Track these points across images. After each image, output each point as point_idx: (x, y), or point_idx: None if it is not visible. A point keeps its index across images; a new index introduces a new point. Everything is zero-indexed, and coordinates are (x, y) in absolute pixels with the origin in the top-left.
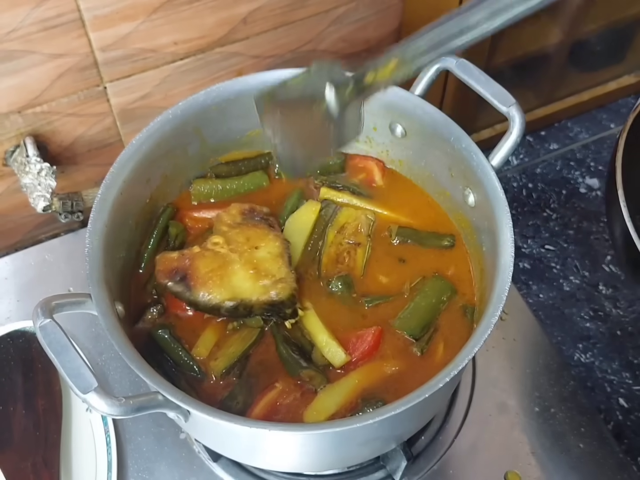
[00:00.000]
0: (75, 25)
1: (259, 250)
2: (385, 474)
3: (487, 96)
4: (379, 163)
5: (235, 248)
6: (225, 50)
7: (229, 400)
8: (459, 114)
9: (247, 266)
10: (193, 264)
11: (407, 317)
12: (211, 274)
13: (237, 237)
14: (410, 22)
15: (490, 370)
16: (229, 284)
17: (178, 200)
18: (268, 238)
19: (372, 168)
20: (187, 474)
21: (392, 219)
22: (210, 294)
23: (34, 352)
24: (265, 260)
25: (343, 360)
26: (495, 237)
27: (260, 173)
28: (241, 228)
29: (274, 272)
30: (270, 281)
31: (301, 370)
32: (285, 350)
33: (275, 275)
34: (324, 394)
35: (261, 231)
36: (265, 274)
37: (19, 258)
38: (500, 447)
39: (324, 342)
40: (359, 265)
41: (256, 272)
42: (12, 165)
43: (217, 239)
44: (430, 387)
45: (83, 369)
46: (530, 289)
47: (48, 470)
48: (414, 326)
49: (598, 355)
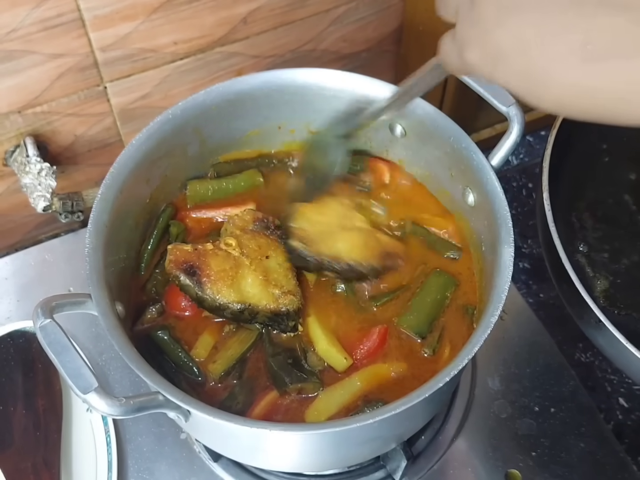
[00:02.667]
0: (75, 25)
1: (269, 260)
2: (386, 473)
3: (486, 96)
4: (391, 165)
5: (247, 253)
6: (225, 50)
7: (228, 401)
8: (459, 113)
9: (257, 272)
10: (206, 261)
11: (413, 315)
12: (223, 274)
13: (249, 243)
14: (411, 22)
15: (491, 369)
16: (239, 287)
17: (178, 200)
18: (279, 250)
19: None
20: (188, 474)
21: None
22: (219, 293)
23: (34, 352)
24: (275, 271)
25: (344, 365)
26: (495, 236)
27: (254, 171)
28: (253, 235)
29: (284, 283)
30: (280, 291)
31: (286, 387)
32: (273, 363)
33: (284, 287)
34: (325, 395)
35: (272, 242)
36: (275, 284)
37: (19, 258)
38: (501, 446)
39: (325, 349)
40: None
41: (266, 280)
42: (12, 165)
43: (230, 241)
44: (430, 387)
45: (83, 369)
46: (531, 288)
47: (48, 470)
48: (420, 324)
49: (598, 354)
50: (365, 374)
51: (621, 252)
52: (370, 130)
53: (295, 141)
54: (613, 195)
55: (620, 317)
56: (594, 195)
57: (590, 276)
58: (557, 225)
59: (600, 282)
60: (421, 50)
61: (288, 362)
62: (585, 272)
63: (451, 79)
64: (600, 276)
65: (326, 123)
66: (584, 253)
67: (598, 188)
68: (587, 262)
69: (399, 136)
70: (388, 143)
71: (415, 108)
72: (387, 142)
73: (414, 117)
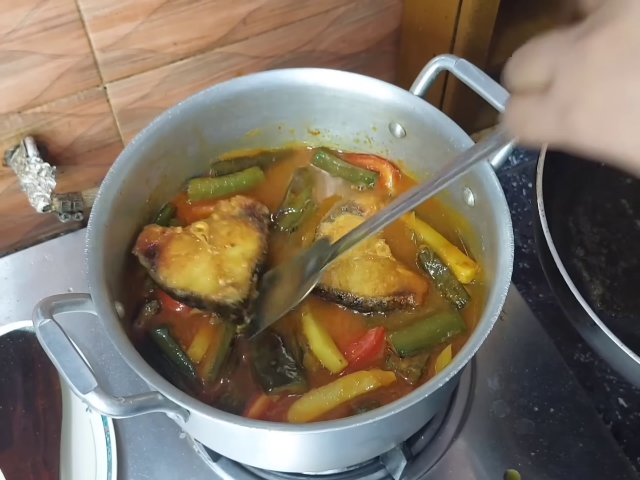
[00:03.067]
0: (75, 25)
1: (233, 248)
2: (385, 473)
3: (486, 96)
4: (392, 168)
5: (213, 239)
6: (225, 51)
7: (225, 400)
8: (459, 113)
9: (213, 261)
10: (168, 244)
11: (404, 332)
12: (176, 259)
13: (220, 229)
14: (410, 23)
15: (490, 370)
16: (189, 273)
17: (178, 198)
18: (249, 238)
19: (385, 171)
20: (187, 474)
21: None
22: (167, 277)
23: (33, 352)
24: (233, 260)
25: (339, 367)
26: (495, 237)
27: (256, 169)
28: (230, 221)
29: (234, 274)
30: (225, 282)
31: (271, 389)
32: (257, 365)
33: (233, 278)
34: (307, 398)
35: (247, 230)
36: (225, 274)
37: (18, 258)
38: (500, 446)
39: (320, 349)
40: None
41: (218, 270)
42: (12, 166)
43: (201, 225)
44: (430, 387)
45: (83, 369)
46: (530, 288)
47: (48, 470)
48: (406, 343)
49: (597, 355)
50: (347, 380)
51: (618, 256)
52: (370, 130)
53: (296, 141)
54: (610, 199)
55: (617, 320)
56: (591, 199)
57: (587, 280)
58: (554, 230)
59: (597, 286)
60: (420, 50)
61: (271, 365)
62: (582, 277)
63: (451, 78)
64: (597, 280)
65: (315, 245)
66: (581, 257)
67: (595, 192)
68: (584, 266)
69: (399, 136)
70: (388, 143)
71: (415, 108)
72: (387, 142)
73: (414, 117)
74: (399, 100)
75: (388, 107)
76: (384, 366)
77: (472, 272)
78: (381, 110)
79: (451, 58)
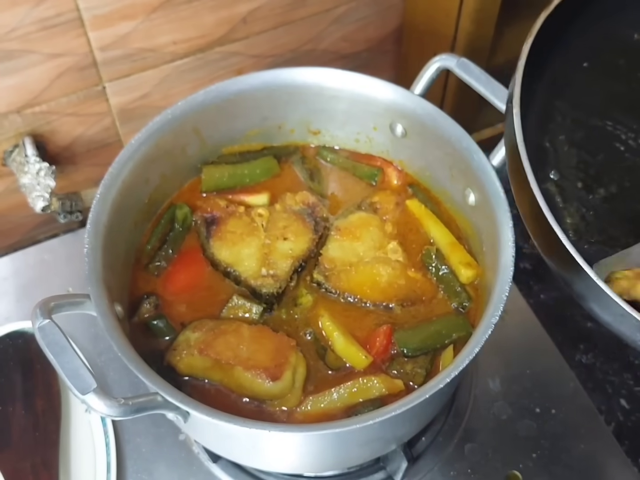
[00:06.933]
0: (75, 24)
1: (285, 242)
2: (386, 475)
3: (487, 95)
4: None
5: (269, 228)
6: (225, 50)
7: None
8: (460, 113)
9: (263, 248)
10: (227, 219)
11: (410, 332)
12: (230, 235)
13: (278, 220)
14: (411, 22)
15: (491, 371)
16: (238, 252)
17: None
18: (302, 238)
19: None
20: (187, 475)
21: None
22: (218, 249)
23: (32, 352)
24: (281, 254)
25: (364, 363)
26: (495, 237)
27: (270, 158)
28: (289, 215)
29: (277, 267)
30: (267, 272)
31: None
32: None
33: (275, 270)
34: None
35: (303, 229)
36: (269, 264)
37: (18, 258)
38: (501, 448)
39: (343, 348)
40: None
41: (264, 258)
42: (10, 165)
43: (262, 211)
44: (430, 388)
45: (82, 369)
46: (531, 289)
47: (47, 470)
48: (410, 342)
49: (599, 356)
50: (357, 385)
51: (597, 182)
52: (371, 130)
53: (296, 141)
54: (594, 114)
55: (590, 252)
56: (571, 115)
57: (560, 207)
58: (528, 150)
59: (570, 214)
60: (421, 49)
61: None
62: (555, 202)
63: (452, 78)
64: (571, 207)
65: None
66: (555, 181)
67: (576, 103)
68: (558, 191)
69: (400, 136)
70: (389, 143)
71: (415, 108)
72: (387, 142)
73: (415, 117)
74: (399, 100)
75: (389, 107)
76: (391, 367)
77: (473, 274)
78: (382, 109)
79: (452, 57)
